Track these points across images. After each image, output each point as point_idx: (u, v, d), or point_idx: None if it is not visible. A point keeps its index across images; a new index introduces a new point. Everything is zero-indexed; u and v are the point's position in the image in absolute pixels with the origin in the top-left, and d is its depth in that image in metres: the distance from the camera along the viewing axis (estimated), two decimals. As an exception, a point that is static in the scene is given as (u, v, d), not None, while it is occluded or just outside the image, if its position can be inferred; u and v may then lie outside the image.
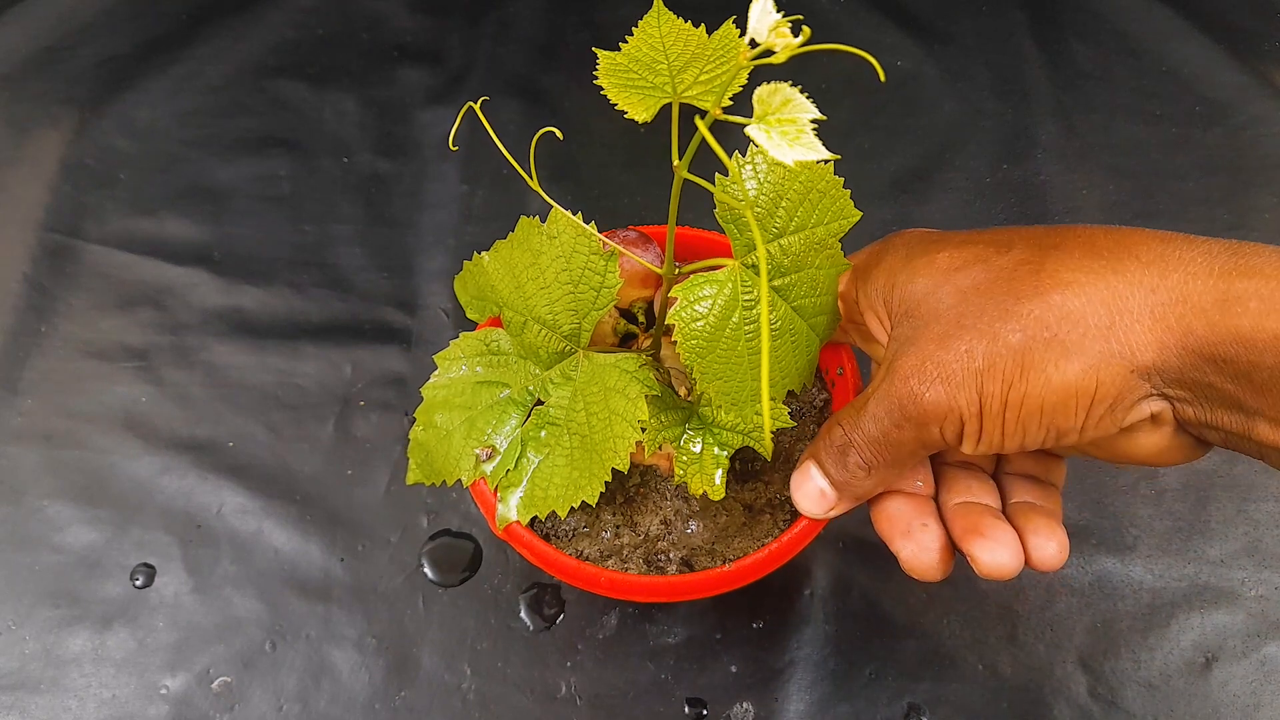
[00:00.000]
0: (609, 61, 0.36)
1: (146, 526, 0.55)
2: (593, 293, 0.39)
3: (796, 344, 0.37)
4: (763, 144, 0.26)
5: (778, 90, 0.27)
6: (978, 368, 0.32)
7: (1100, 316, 0.30)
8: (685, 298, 0.34)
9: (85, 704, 0.50)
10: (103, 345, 0.61)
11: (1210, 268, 0.30)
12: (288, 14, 0.77)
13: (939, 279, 0.34)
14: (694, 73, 0.36)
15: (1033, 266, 0.32)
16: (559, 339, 0.40)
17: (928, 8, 0.77)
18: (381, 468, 0.57)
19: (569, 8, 0.78)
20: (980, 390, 0.32)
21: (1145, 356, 0.30)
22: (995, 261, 0.33)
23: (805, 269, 0.37)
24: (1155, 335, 0.30)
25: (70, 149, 0.69)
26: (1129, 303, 0.30)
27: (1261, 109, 0.70)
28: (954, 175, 0.69)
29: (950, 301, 0.33)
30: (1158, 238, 0.32)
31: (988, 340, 0.31)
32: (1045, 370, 0.31)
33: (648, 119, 0.36)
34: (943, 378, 0.32)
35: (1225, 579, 0.53)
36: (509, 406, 0.41)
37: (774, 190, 0.36)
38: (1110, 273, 0.31)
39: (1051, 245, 0.32)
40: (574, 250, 0.39)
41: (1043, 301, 0.31)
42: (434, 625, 0.53)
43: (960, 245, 0.35)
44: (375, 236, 0.66)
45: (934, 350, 0.33)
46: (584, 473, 0.38)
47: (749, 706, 0.50)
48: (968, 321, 0.32)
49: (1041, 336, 0.31)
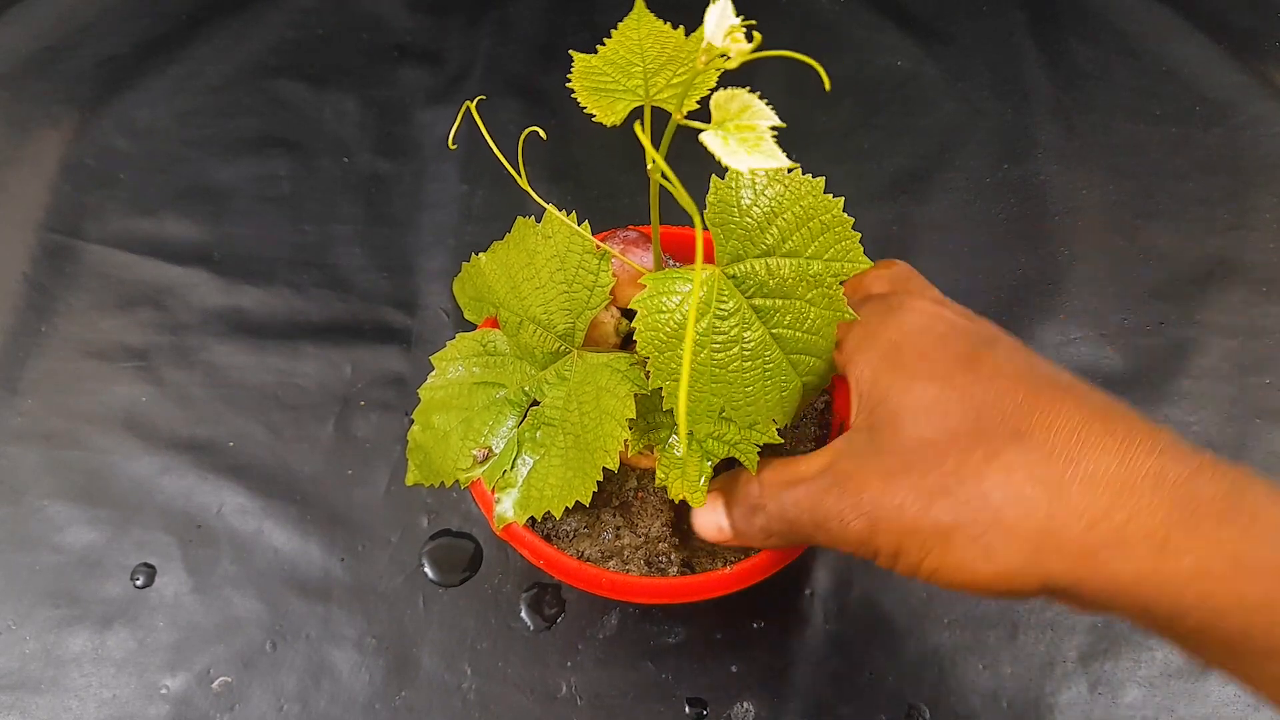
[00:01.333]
0: (584, 64, 0.36)
1: (146, 526, 0.55)
2: (586, 292, 0.39)
3: (770, 375, 0.36)
4: (717, 150, 0.25)
5: (735, 96, 0.26)
6: (905, 527, 0.32)
7: (1030, 537, 0.30)
8: (654, 289, 0.34)
9: (85, 704, 0.50)
10: (103, 345, 0.61)
11: (1155, 509, 0.28)
12: (288, 14, 0.77)
13: (913, 408, 0.33)
14: (668, 75, 0.35)
15: (989, 452, 0.31)
16: (554, 339, 0.40)
17: (928, 8, 0.77)
18: (381, 468, 0.57)
19: (569, 8, 0.78)
20: (899, 546, 0.32)
21: (1062, 582, 0.30)
22: (962, 427, 0.32)
23: (793, 298, 0.35)
24: (1078, 573, 0.29)
25: (70, 149, 0.69)
26: (1063, 534, 0.29)
27: (1261, 109, 0.70)
28: (954, 175, 0.69)
29: (909, 442, 0.32)
30: (1121, 451, 0.30)
31: (923, 505, 0.31)
32: (963, 561, 0.31)
33: (616, 123, 0.35)
34: (872, 518, 0.32)
35: (1225, 579, 0.53)
36: (505, 407, 0.41)
37: (770, 206, 0.35)
38: (1055, 494, 0.30)
39: (1019, 430, 0.31)
40: (568, 250, 0.39)
41: (982, 495, 0.31)
42: (434, 625, 0.53)
43: (946, 384, 0.33)
44: (375, 236, 0.66)
45: (876, 486, 0.32)
46: (578, 472, 0.38)
47: (749, 706, 0.50)
48: (914, 475, 0.32)
49: (970, 531, 0.31)
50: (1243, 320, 0.62)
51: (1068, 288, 0.63)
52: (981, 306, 0.62)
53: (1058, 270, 0.64)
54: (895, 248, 0.65)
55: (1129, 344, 0.61)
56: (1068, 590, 0.30)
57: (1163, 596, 0.28)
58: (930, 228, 0.67)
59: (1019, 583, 0.30)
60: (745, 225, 0.35)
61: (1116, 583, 0.29)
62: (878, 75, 0.74)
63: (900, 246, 0.65)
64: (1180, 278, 0.64)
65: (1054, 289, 0.63)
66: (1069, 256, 0.65)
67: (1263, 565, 0.27)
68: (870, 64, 0.75)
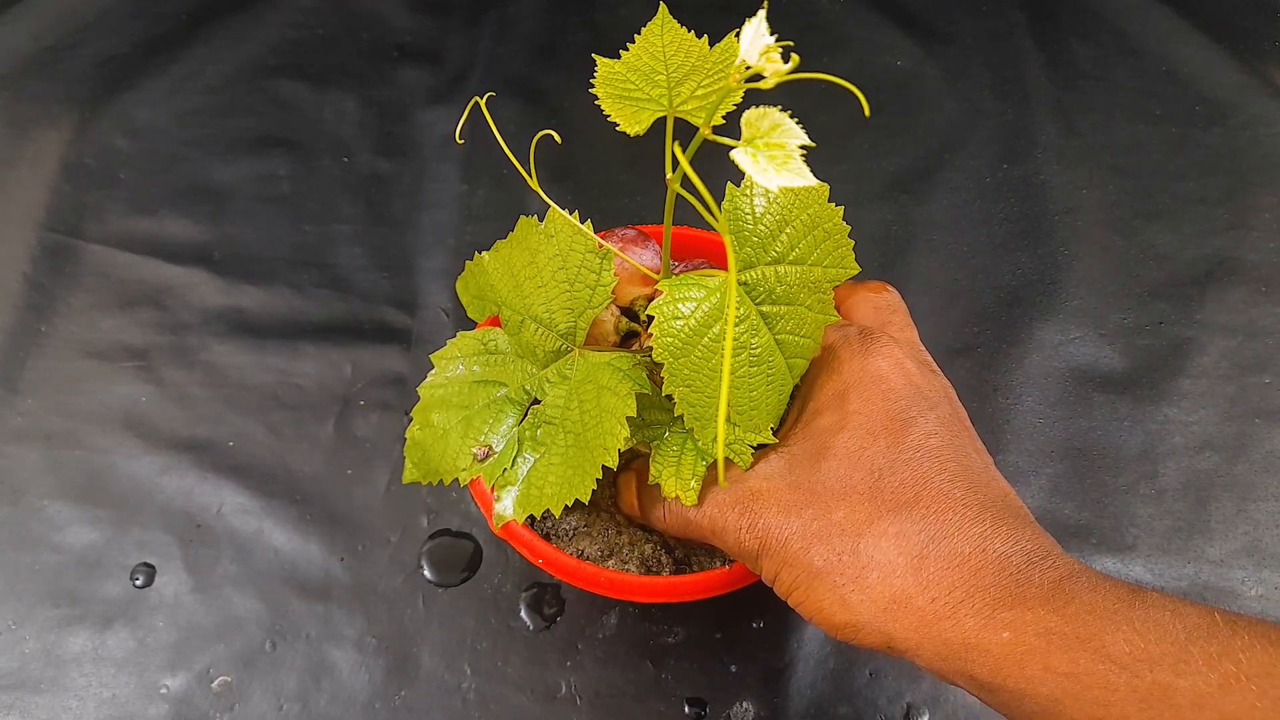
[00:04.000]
0: (607, 70, 0.36)
1: (146, 526, 0.55)
2: (588, 291, 0.39)
3: (772, 379, 0.37)
4: (748, 168, 0.26)
5: (767, 114, 0.26)
6: (786, 559, 0.35)
7: (882, 600, 0.33)
8: (670, 295, 0.34)
9: (85, 704, 0.50)
10: (103, 345, 0.61)
11: (990, 589, 0.32)
12: (288, 14, 0.77)
13: (833, 452, 0.36)
14: (691, 86, 0.35)
15: (873, 514, 0.34)
16: (555, 337, 0.40)
17: (928, 8, 0.77)
18: (381, 468, 0.57)
19: (569, 8, 0.78)
20: (777, 572, 0.36)
21: (902, 645, 0.33)
22: (862, 485, 0.35)
23: (795, 304, 0.36)
24: (916, 637, 0.33)
25: (70, 149, 0.69)
26: (911, 603, 0.32)
27: (1261, 109, 0.70)
28: (954, 175, 0.69)
29: (815, 484, 0.35)
30: (980, 538, 0.33)
31: (805, 545, 0.34)
32: (822, 603, 0.34)
33: (640, 133, 0.35)
34: (763, 541, 0.36)
35: (1225, 579, 0.53)
36: (506, 405, 0.41)
37: (780, 214, 0.35)
38: (915, 566, 0.33)
39: (906, 502, 0.34)
40: (570, 249, 0.39)
41: (854, 552, 0.34)
42: (434, 625, 0.53)
43: (869, 440, 0.36)
44: (375, 236, 0.66)
45: (774, 515, 0.36)
46: (578, 471, 0.38)
47: (749, 706, 0.50)
48: (806, 516, 0.35)
49: (835, 580, 0.34)
50: (1242, 320, 0.62)
51: (1067, 287, 0.63)
52: (981, 306, 0.63)
53: (1057, 270, 0.64)
54: (895, 247, 0.65)
55: (1129, 344, 0.61)
56: (907, 651, 0.33)
57: (985, 664, 0.31)
58: (930, 228, 0.67)
59: (864, 636, 0.34)
60: (758, 233, 0.35)
61: (948, 649, 0.32)
62: (878, 75, 0.74)
63: (900, 246, 0.65)
64: (1180, 277, 0.64)
65: (1054, 289, 0.63)
66: (1069, 256, 0.65)
67: (1069, 639, 0.30)
68: (870, 64, 0.75)
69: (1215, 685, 0.28)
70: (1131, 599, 0.31)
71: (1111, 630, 0.30)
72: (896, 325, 0.41)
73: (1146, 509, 0.55)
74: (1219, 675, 0.28)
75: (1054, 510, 0.56)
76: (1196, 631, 0.29)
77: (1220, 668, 0.28)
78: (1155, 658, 0.29)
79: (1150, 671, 0.29)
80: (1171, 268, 0.64)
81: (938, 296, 0.64)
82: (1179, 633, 0.29)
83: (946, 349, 0.62)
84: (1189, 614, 0.30)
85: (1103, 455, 0.57)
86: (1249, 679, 0.28)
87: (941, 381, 0.39)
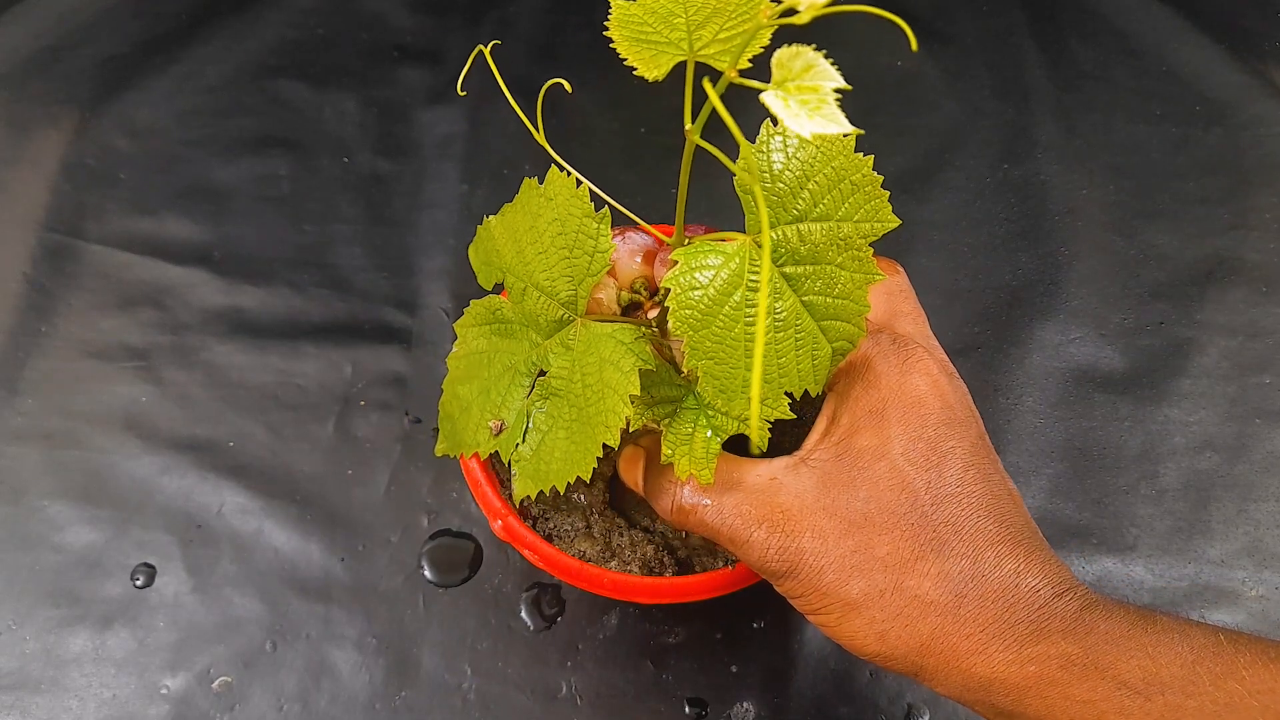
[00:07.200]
0: (622, 12, 0.33)
1: (146, 526, 0.55)
2: (587, 258, 0.37)
3: (801, 343, 0.35)
4: (779, 112, 0.24)
5: (800, 54, 0.24)
6: (820, 587, 0.35)
7: (919, 635, 0.34)
8: (686, 263, 0.32)
9: (85, 704, 0.50)
10: (103, 345, 0.61)
11: (1019, 623, 0.33)
12: (288, 14, 0.77)
13: (874, 478, 0.35)
14: (713, 29, 0.33)
15: (917, 552, 0.34)
16: (557, 306, 0.38)
17: (928, 8, 0.77)
18: (381, 468, 0.57)
19: (569, 8, 0.78)
20: (805, 594, 0.35)
21: (932, 675, 0.34)
22: (909, 518, 0.34)
23: (823, 263, 0.34)
24: (946, 669, 0.33)
25: (70, 149, 0.69)
26: (946, 640, 0.33)
27: (1261, 109, 0.70)
28: (954, 175, 0.69)
29: (854, 512, 0.35)
30: (1013, 576, 0.34)
31: (843, 578, 0.34)
32: (856, 633, 0.34)
33: (659, 77, 0.33)
34: (793, 565, 0.35)
35: (1226, 579, 0.53)
36: (516, 376, 0.39)
37: (802, 169, 0.33)
38: (953, 604, 0.33)
39: (945, 540, 0.34)
40: (569, 213, 0.37)
41: (897, 588, 0.34)
42: (434, 625, 0.53)
43: (913, 470, 0.35)
44: (375, 236, 0.66)
45: (808, 541, 0.35)
46: (579, 446, 0.36)
47: (749, 706, 0.50)
48: (846, 546, 0.34)
49: (872, 615, 0.34)
50: (1243, 320, 0.62)
51: (1068, 287, 0.63)
52: (981, 306, 0.63)
53: (1058, 270, 0.64)
54: (895, 247, 0.65)
55: (1129, 344, 0.61)
56: (932, 680, 0.34)
57: (1008, 695, 0.33)
58: (930, 227, 0.67)
59: (895, 664, 0.34)
60: (777, 191, 0.33)
61: (974, 680, 0.33)
62: (878, 75, 0.74)
63: (900, 246, 0.65)
64: (1180, 278, 0.64)
65: (1054, 289, 0.63)
66: (1069, 256, 0.65)
67: (1088, 668, 0.31)
68: (870, 64, 0.75)
69: (1221, 704, 0.30)
70: (1143, 624, 0.32)
71: (1126, 657, 0.31)
72: (908, 314, 0.40)
73: (1147, 509, 0.55)
74: (1224, 694, 0.30)
75: (1054, 510, 0.56)
76: (1203, 652, 0.31)
77: (1225, 686, 0.30)
78: (1166, 681, 0.31)
79: (1162, 694, 0.31)
80: (1172, 268, 0.64)
81: (938, 296, 0.64)
82: (1187, 654, 0.31)
83: (947, 349, 0.61)
84: (1195, 635, 0.32)
85: (1103, 455, 0.57)
86: (1251, 696, 0.30)
87: (963, 390, 0.38)
